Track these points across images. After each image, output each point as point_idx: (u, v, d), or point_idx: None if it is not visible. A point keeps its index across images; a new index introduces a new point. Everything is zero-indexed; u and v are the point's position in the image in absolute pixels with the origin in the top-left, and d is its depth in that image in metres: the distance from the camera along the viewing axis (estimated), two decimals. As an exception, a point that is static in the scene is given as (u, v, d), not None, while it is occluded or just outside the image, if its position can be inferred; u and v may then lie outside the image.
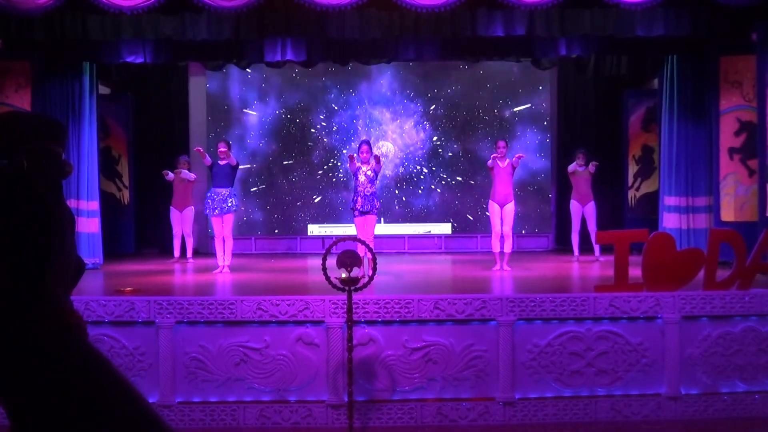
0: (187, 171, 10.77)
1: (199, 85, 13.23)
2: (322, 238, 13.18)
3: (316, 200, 13.18)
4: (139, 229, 12.68)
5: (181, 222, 10.98)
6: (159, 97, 13.05)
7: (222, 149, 9.35)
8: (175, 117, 13.15)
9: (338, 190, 13.25)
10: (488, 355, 6.03)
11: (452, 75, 13.20)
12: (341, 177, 13.22)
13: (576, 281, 8.37)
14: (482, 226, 13.16)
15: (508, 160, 9.63)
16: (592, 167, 10.78)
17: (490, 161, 9.67)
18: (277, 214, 13.21)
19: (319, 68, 12.40)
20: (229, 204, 9.24)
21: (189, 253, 11.09)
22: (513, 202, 9.58)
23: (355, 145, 13.22)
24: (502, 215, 9.47)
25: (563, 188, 13.16)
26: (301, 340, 6.03)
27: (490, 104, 13.20)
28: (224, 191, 9.25)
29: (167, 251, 11.82)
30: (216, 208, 9.22)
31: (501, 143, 9.73)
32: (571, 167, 10.94)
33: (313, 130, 13.25)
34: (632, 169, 12.43)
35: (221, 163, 9.35)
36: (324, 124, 13.23)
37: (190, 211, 11.04)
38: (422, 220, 13.28)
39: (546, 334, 6.06)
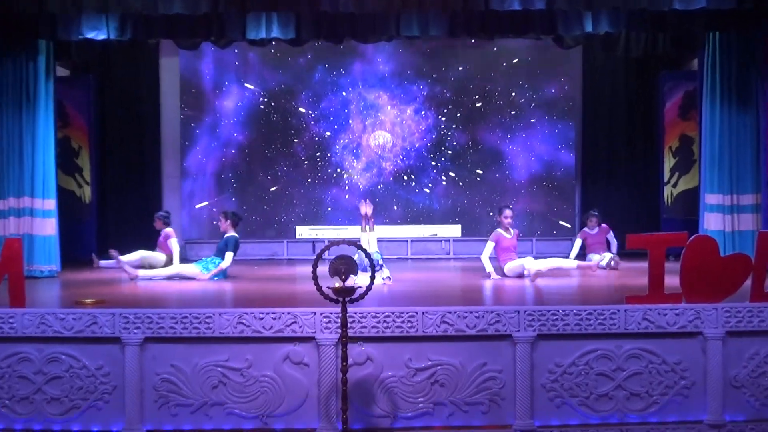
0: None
1: (171, 66, 13.22)
2: (313, 241, 13.17)
3: (300, 197, 13.17)
4: (103, 232, 12.65)
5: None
6: (125, 80, 13.03)
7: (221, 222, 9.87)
8: (144, 102, 13.14)
9: (328, 186, 13.24)
10: (503, 377, 6.01)
11: (461, 54, 13.18)
12: (331, 171, 13.21)
13: (604, 291, 8.35)
14: (493, 228, 13.15)
15: (515, 232, 9.57)
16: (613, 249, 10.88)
17: (494, 236, 9.41)
18: (257, 216, 13.19)
19: (304, 45, 12.41)
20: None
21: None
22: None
23: (347, 137, 13.22)
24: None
25: (588, 186, 13.15)
26: (288, 360, 6.02)
27: (505, 88, 13.19)
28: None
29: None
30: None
31: (508, 212, 9.52)
32: (581, 234, 10.97)
33: (298, 117, 13.22)
34: (668, 162, 12.43)
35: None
36: (311, 110, 13.21)
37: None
38: (426, 221, 13.27)
39: (570, 352, 6.05)
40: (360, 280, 7.51)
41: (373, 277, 5.48)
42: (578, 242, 10.99)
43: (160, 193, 13.25)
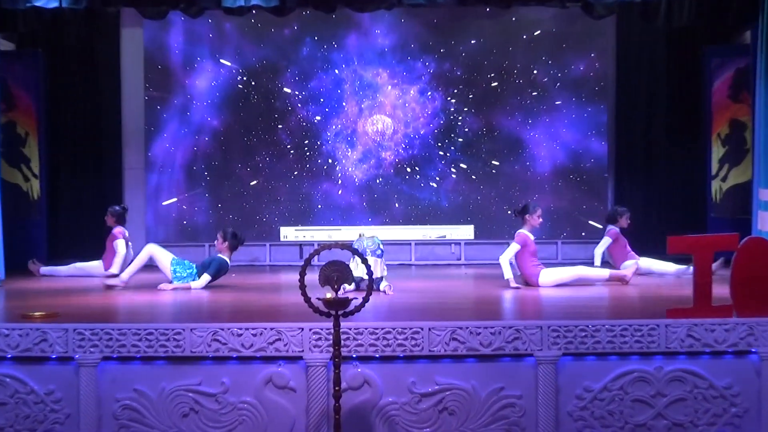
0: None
1: (134, 39, 13.22)
2: (300, 244, 13.18)
3: (286, 192, 13.18)
4: (54, 233, 12.66)
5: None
6: (80, 56, 13.02)
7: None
8: (102, 82, 13.13)
9: (318, 179, 13.24)
10: (523, 403, 6.02)
11: (473, 25, 13.19)
12: (321, 162, 13.21)
13: (640, 303, 8.35)
14: (512, 229, 13.17)
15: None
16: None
17: (521, 238, 9.32)
18: (235, 214, 13.18)
19: (290, 14, 12.41)
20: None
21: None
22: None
23: (340, 122, 13.23)
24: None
25: (623, 180, 13.15)
26: (271, 383, 6.02)
27: (525, 65, 13.20)
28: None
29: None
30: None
31: (540, 211, 9.61)
32: (610, 234, 10.63)
33: (282, 99, 13.22)
34: (717, 152, 12.43)
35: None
36: (298, 90, 13.21)
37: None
38: (433, 221, 13.28)
39: (601, 374, 6.05)
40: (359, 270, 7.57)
41: (371, 286, 5.47)
42: (604, 243, 10.76)
43: (121, 187, 13.26)
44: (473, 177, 13.26)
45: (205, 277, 9.52)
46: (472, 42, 13.20)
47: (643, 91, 13.19)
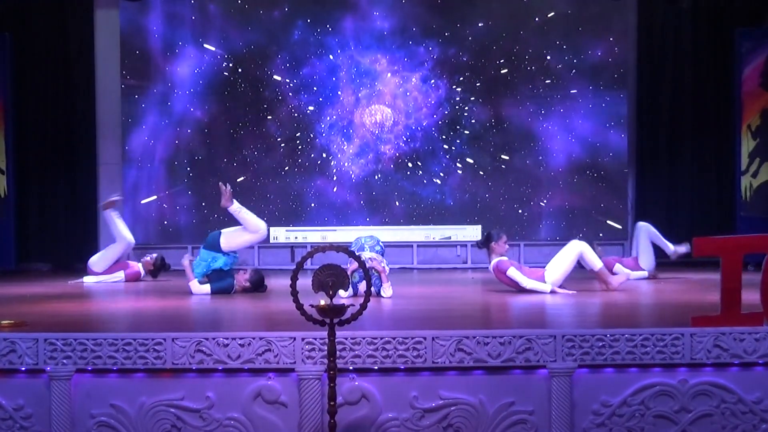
0: None
1: (110, 22, 13.23)
2: (292, 246, 13.20)
3: (276, 189, 13.18)
4: (23, 235, 12.67)
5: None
6: (51, 40, 13.05)
7: None
8: (74, 69, 13.15)
9: (311, 175, 13.24)
10: (535, 420, 6.03)
11: (481, 6, 13.20)
12: (315, 156, 13.20)
13: (662, 309, 8.37)
14: (523, 230, 13.20)
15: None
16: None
17: (508, 265, 9.33)
18: (220, 214, 13.15)
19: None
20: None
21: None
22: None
23: (335, 112, 13.22)
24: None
25: (645, 175, 13.15)
26: (260, 398, 6.02)
27: (538, 50, 13.21)
28: None
29: (64, 266, 11.83)
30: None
31: (504, 237, 9.58)
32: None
33: (272, 87, 13.23)
34: (747, 145, 12.45)
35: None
36: (289, 77, 13.21)
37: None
38: (437, 221, 13.30)
39: (620, 388, 6.06)
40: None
41: (369, 292, 5.49)
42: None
43: (96, 184, 13.26)
44: (481, 173, 13.28)
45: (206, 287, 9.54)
46: (480, 25, 13.23)
47: (667, 79, 13.21)
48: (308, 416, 5.96)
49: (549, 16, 13.22)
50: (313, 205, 13.27)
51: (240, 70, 13.24)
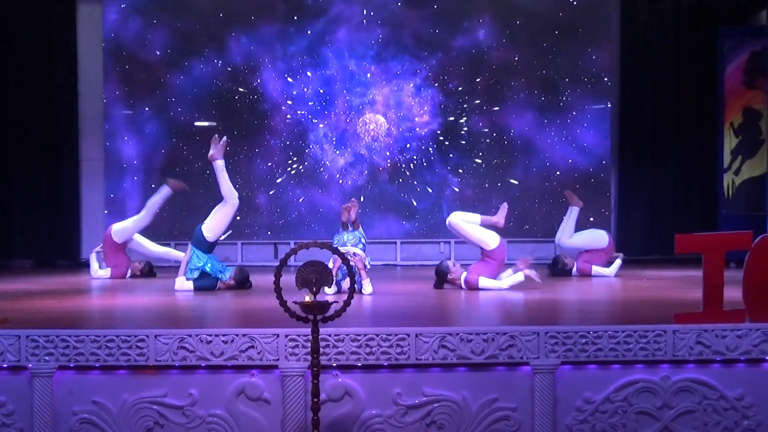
0: None
1: (93, 19, 13.15)
2: (275, 243, 13.15)
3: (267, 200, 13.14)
4: (5, 231, 12.62)
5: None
6: (31, 38, 12.95)
7: None
8: (56, 67, 13.06)
9: (302, 186, 13.12)
10: (518, 416, 6.04)
11: (473, 16, 13.04)
12: (307, 166, 13.08)
13: (646, 307, 8.39)
14: (509, 228, 13.19)
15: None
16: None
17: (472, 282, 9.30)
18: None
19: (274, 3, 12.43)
20: None
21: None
22: None
23: (326, 121, 13.12)
24: None
25: (627, 174, 13.16)
26: (243, 395, 6.02)
27: (530, 54, 13.12)
28: None
29: (47, 261, 11.79)
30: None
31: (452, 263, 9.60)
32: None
33: (263, 95, 13.11)
34: (729, 143, 12.50)
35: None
36: (280, 86, 13.08)
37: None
38: (431, 234, 13.16)
39: (603, 384, 6.08)
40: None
41: (353, 288, 5.49)
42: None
43: (78, 180, 13.14)
44: (475, 180, 13.13)
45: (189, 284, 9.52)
46: (474, 33, 13.09)
47: (650, 77, 13.24)
48: (291, 413, 5.96)
49: (535, 23, 13.08)
50: (295, 214, 13.06)
51: (231, 78, 13.05)
